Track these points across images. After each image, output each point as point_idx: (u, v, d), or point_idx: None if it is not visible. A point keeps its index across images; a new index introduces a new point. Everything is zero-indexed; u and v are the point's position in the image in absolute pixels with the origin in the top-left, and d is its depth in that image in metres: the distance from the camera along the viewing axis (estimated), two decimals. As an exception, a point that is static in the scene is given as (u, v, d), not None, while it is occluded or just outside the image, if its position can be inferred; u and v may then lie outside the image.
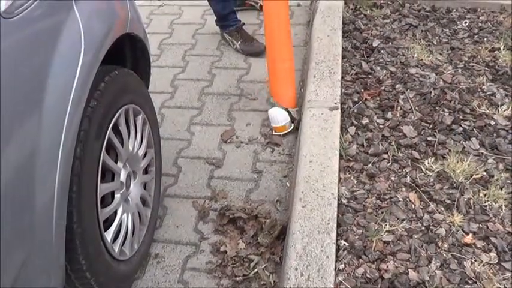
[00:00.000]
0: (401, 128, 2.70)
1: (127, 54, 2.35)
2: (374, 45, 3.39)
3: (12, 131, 1.44)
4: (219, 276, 2.28)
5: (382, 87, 3.01)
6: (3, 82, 1.39)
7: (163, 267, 2.35)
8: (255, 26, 4.02)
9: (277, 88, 3.07)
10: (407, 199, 2.33)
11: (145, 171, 2.36)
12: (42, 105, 1.54)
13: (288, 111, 3.01)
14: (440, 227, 2.19)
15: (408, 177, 2.43)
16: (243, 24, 3.81)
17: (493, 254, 2.08)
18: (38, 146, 1.52)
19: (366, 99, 2.93)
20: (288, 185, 2.68)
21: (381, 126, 2.73)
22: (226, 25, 3.77)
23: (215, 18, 3.82)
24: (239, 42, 3.73)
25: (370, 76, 3.12)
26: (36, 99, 1.53)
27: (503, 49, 3.27)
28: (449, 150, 2.55)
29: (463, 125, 2.70)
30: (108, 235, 1.97)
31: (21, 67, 1.48)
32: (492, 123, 2.70)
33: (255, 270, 2.27)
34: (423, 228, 2.20)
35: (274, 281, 2.21)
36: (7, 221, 1.43)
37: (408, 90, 2.96)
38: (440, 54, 3.29)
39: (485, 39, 3.42)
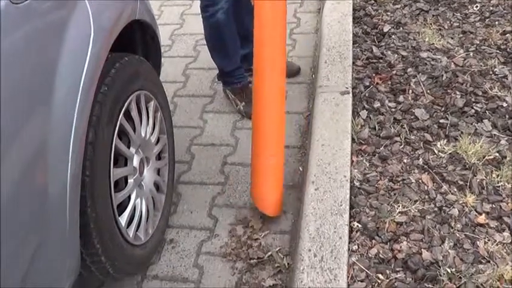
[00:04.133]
0: (413, 111, 2.69)
1: (137, 41, 2.37)
2: (385, 30, 3.38)
3: (24, 118, 1.46)
4: (233, 259, 2.29)
5: (394, 72, 3.00)
6: (12, 68, 1.41)
7: (178, 252, 2.37)
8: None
9: (257, 189, 2.46)
10: (420, 180, 2.33)
11: (159, 158, 2.37)
12: (53, 92, 1.56)
13: None
14: (453, 207, 2.19)
15: (420, 159, 2.43)
16: (250, 82, 3.03)
17: (506, 234, 2.08)
18: (49, 133, 1.54)
19: (377, 83, 2.92)
20: (301, 169, 2.68)
21: (393, 109, 2.73)
22: (230, 82, 3.15)
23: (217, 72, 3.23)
24: (243, 104, 3.09)
25: (381, 61, 3.11)
26: (46, 85, 1.54)
27: (515, 32, 3.26)
28: (462, 132, 2.54)
29: (475, 107, 2.69)
30: (123, 219, 1.99)
31: (31, 53, 1.50)
32: (504, 105, 2.69)
33: (269, 253, 2.28)
34: (436, 209, 2.20)
35: (288, 263, 2.22)
36: (21, 206, 1.45)
37: (420, 74, 2.95)
38: (452, 38, 3.27)
39: (496, 22, 3.40)
